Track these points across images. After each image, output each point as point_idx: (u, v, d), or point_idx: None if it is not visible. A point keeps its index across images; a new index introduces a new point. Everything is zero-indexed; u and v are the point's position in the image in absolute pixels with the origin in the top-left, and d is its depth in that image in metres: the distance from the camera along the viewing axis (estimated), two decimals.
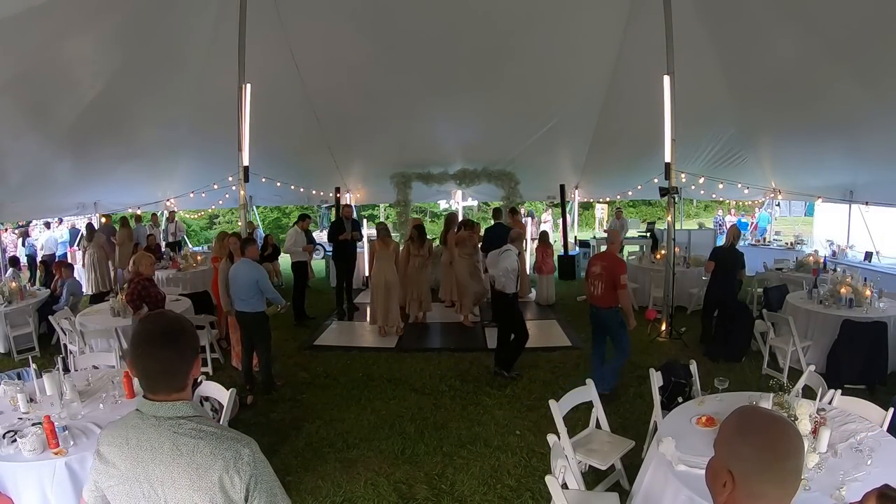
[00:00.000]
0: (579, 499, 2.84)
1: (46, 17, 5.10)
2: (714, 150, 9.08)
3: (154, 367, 1.35)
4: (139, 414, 1.38)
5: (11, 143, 6.76)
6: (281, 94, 7.89)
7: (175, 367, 1.36)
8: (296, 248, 8.15)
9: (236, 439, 1.36)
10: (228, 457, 1.31)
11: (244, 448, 1.34)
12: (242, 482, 1.31)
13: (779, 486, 1.05)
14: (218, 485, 1.30)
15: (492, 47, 7.39)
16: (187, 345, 1.39)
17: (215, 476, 1.30)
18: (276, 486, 1.38)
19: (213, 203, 12.49)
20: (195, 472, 1.30)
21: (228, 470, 1.30)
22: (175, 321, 1.41)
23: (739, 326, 5.89)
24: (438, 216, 20.07)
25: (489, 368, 5.79)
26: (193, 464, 1.30)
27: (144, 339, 1.36)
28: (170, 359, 1.35)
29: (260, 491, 1.34)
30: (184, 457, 1.31)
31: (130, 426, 1.37)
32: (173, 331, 1.37)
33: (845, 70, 5.92)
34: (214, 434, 1.35)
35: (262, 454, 1.38)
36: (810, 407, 2.65)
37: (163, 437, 1.33)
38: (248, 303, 5.05)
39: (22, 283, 7.27)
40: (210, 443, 1.32)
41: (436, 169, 10.53)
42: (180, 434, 1.33)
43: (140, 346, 1.36)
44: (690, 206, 22.96)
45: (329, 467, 3.92)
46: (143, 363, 1.36)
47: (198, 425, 1.35)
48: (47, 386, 3.28)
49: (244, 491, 1.32)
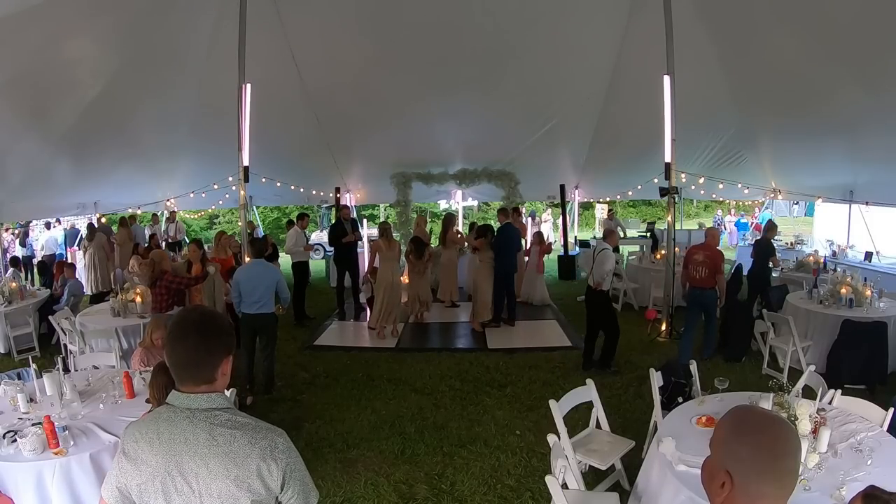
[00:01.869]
0: (579, 499, 2.84)
1: (46, 17, 5.10)
2: (714, 150, 9.07)
3: (183, 357, 1.38)
4: (171, 408, 1.38)
5: (11, 144, 6.76)
6: (281, 94, 7.88)
7: (202, 358, 1.38)
8: (297, 248, 8.16)
9: (270, 429, 1.40)
10: (265, 445, 1.35)
11: (278, 437, 1.39)
12: (280, 470, 1.35)
13: (777, 485, 1.05)
14: (256, 473, 1.33)
15: (492, 47, 7.39)
16: (218, 339, 1.41)
17: (253, 465, 1.33)
18: (307, 476, 1.44)
19: (213, 203, 12.50)
20: (232, 462, 1.32)
21: (266, 459, 1.34)
22: (209, 315, 1.45)
23: (739, 326, 5.90)
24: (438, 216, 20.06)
25: (489, 368, 5.79)
26: (231, 453, 1.32)
27: (178, 329, 1.40)
28: (197, 349, 1.37)
29: (294, 479, 1.39)
30: (220, 447, 1.33)
31: (162, 420, 1.38)
32: (205, 323, 1.41)
33: (846, 70, 5.91)
34: (250, 424, 1.38)
35: (294, 445, 1.41)
36: (810, 407, 2.65)
37: (198, 429, 1.34)
38: (264, 305, 4.98)
39: (21, 283, 7.28)
40: (246, 433, 1.35)
41: (436, 169, 10.53)
42: (216, 425, 1.35)
43: (172, 335, 1.40)
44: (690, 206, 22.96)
45: (329, 467, 3.92)
46: (174, 352, 1.39)
47: (233, 416, 1.38)
48: (47, 386, 3.27)
49: (281, 479, 1.36)
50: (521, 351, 6.39)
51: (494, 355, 6.22)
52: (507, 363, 5.95)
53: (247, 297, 4.96)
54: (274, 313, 5.09)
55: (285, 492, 1.38)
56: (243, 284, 4.97)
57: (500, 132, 9.36)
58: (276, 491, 1.37)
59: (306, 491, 1.42)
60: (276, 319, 5.17)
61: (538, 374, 5.61)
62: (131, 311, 5.81)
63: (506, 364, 5.91)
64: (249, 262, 5.10)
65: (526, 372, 5.66)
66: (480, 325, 7.28)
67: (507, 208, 9.26)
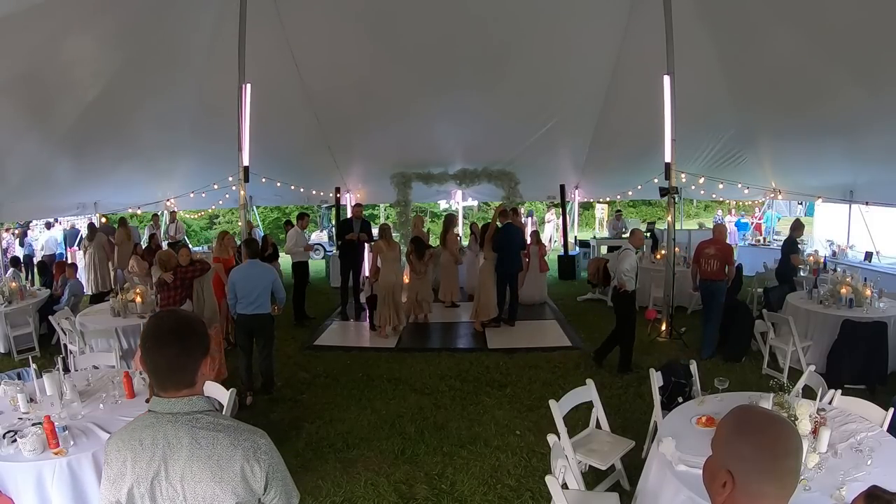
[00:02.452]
0: (579, 499, 2.84)
1: (47, 16, 5.10)
2: (714, 150, 9.07)
3: (162, 364, 1.37)
4: (153, 414, 1.38)
5: (12, 143, 6.75)
6: (281, 94, 7.88)
7: (182, 363, 1.37)
8: (297, 248, 8.15)
9: (252, 430, 1.40)
10: (248, 447, 1.35)
11: (260, 439, 1.39)
12: (263, 471, 1.35)
13: (778, 485, 1.05)
14: (240, 475, 1.33)
15: (492, 47, 7.39)
16: (195, 343, 1.40)
17: (237, 467, 1.33)
18: (289, 476, 1.44)
19: (213, 203, 12.48)
20: (216, 465, 1.32)
21: (249, 460, 1.34)
22: (184, 319, 1.42)
23: (739, 326, 5.90)
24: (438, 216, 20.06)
25: (489, 368, 5.79)
26: (214, 456, 1.32)
27: (153, 336, 1.38)
28: (177, 356, 1.36)
29: (276, 480, 1.39)
30: (203, 450, 1.32)
31: (144, 426, 1.37)
32: (181, 328, 1.38)
33: (846, 70, 5.92)
34: (231, 426, 1.38)
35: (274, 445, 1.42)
36: (810, 407, 2.65)
37: (180, 433, 1.34)
38: (261, 305, 4.97)
39: (21, 283, 7.28)
40: (229, 435, 1.35)
41: (436, 169, 10.52)
42: (198, 428, 1.34)
43: (149, 343, 1.38)
44: (690, 206, 22.93)
45: (329, 467, 3.92)
46: (152, 359, 1.38)
47: (215, 419, 1.38)
48: (47, 386, 3.27)
49: (264, 480, 1.36)
50: (521, 351, 6.40)
51: (494, 355, 6.22)
52: (507, 363, 5.95)
53: (243, 298, 4.95)
54: (270, 314, 5.09)
55: (268, 493, 1.38)
56: (239, 285, 4.96)
57: (500, 132, 9.36)
58: (260, 492, 1.36)
59: (288, 492, 1.42)
60: (273, 320, 5.16)
61: (538, 374, 5.61)
62: (131, 311, 5.82)
63: (506, 364, 5.91)
64: (245, 263, 5.07)
65: (526, 372, 5.66)
66: (481, 324, 7.28)
67: (506, 209, 9.26)
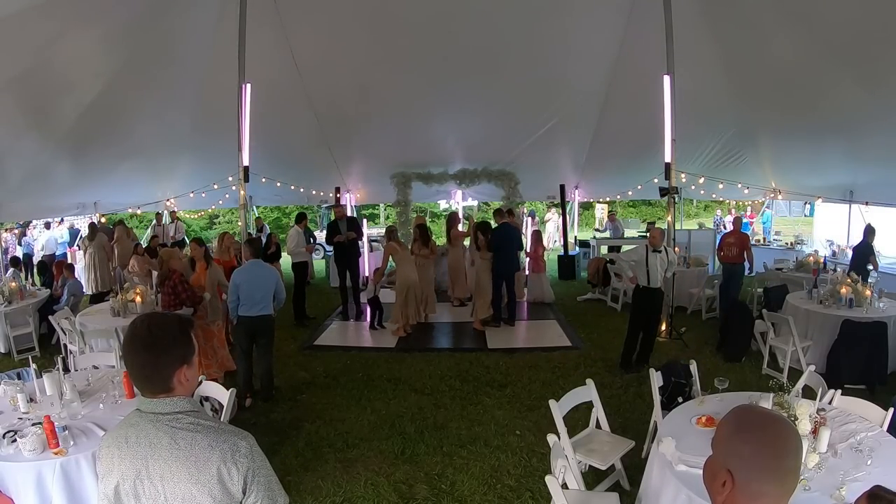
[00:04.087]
0: (579, 499, 2.84)
1: (47, 16, 5.10)
2: (714, 150, 9.07)
3: (134, 371, 1.38)
4: (139, 412, 1.39)
5: (11, 143, 6.75)
6: (281, 94, 7.88)
7: (149, 373, 1.36)
8: (298, 248, 8.15)
9: (234, 432, 1.38)
10: (226, 449, 1.33)
11: (241, 441, 1.36)
12: (240, 474, 1.33)
13: (778, 484, 1.05)
14: (216, 477, 1.31)
15: (492, 47, 7.39)
16: (167, 355, 1.36)
17: (213, 468, 1.31)
18: (274, 480, 1.40)
19: (213, 203, 12.48)
20: (193, 466, 1.31)
21: (226, 462, 1.32)
22: (157, 326, 1.37)
23: (739, 326, 5.90)
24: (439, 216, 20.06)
25: (489, 368, 5.79)
26: (192, 457, 1.31)
27: (126, 343, 1.39)
28: (146, 363, 1.36)
29: (257, 484, 1.36)
30: (182, 450, 1.32)
31: (130, 425, 1.39)
32: (152, 335, 1.36)
33: (846, 70, 5.91)
34: (212, 427, 1.37)
35: (260, 448, 1.39)
36: (810, 407, 2.65)
37: (161, 433, 1.34)
38: (265, 307, 4.92)
39: (21, 283, 7.27)
40: (207, 436, 1.34)
41: (436, 169, 10.53)
42: (178, 428, 1.34)
43: (124, 349, 1.40)
44: (690, 206, 22.91)
45: (329, 467, 3.92)
46: (126, 365, 1.40)
47: (195, 419, 1.37)
48: (47, 386, 3.27)
49: (242, 483, 1.34)
50: (521, 351, 6.40)
51: (494, 355, 6.22)
52: (507, 363, 5.94)
53: (247, 300, 4.86)
54: (272, 315, 5.07)
55: (248, 496, 1.35)
56: (244, 287, 4.85)
57: (499, 132, 9.36)
58: (238, 495, 1.34)
59: (272, 496, 1.38)
60: (274, 320, 5.16)
61: (538, 374, 5.61)
62: (131, 311, 5.81)
63: (506, 364, 5.91)
64: (248, 264, 4.99)
65: (526, 372, 5.66)
66: (481, 323, 7.29)
67: (501, 209, 9.27)
